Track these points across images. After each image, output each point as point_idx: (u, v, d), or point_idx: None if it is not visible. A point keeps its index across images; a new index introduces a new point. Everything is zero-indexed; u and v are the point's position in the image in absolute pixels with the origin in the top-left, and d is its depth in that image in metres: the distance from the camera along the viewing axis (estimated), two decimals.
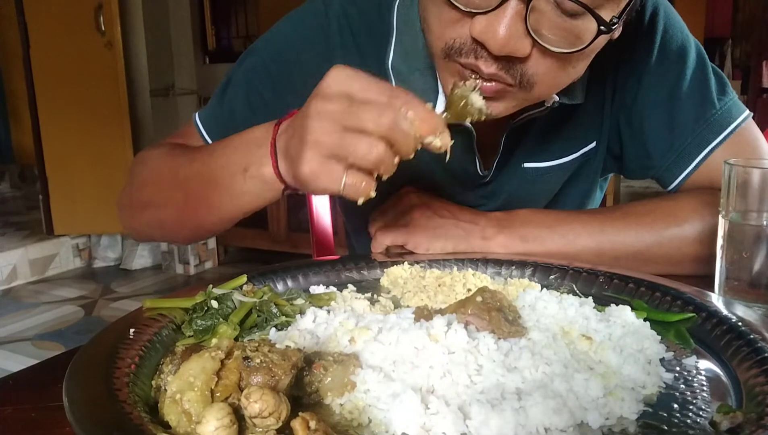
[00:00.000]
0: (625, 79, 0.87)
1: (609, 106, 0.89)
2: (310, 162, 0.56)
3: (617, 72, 0.87)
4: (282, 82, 0.87)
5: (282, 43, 0.88)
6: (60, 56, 3.60)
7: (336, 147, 0.55)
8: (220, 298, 0.58)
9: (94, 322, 3.09)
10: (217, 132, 0.88)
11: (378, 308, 0.63)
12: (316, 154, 0.56)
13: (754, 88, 3.95)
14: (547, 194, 0.95)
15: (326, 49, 0.85)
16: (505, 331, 0.52)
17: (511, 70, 0.64)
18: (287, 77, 0.86)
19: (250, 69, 0.89)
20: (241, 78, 0.89)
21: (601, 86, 0.87)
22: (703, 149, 0.84)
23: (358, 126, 0.54)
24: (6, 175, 5.62)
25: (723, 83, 0.87)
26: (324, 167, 0.56)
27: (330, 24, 0.85)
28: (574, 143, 0.90)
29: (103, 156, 3.68)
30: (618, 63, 0.85)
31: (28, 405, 0.49)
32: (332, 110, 0.55)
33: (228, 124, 0.88)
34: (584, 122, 0.89)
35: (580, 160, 0.91)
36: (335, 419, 0.44)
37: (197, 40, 4.22)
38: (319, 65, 0.82)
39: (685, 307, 0.60)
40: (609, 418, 0.44)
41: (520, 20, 0.59)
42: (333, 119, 0.55)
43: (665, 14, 0.86)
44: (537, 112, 0.80)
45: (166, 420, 0.41)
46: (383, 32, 0.83)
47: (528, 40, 0.61)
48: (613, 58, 0.82)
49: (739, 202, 0.65)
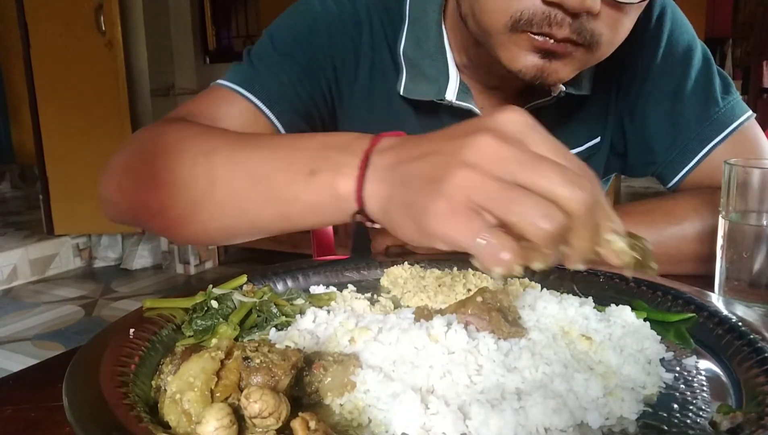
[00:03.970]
0: (630, 77, 0.88)
1: (614, 102, 0.90)
2: (445, 202, 0.42)
3: (623, 69, 0.88)
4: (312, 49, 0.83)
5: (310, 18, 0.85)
6: (60, 56, 3.60)
7: (493, 199, 0.41)
8: (220, 298, 0.58)
9: (94, 322, 3.09)
10: (262, 93, 0.80)
11: (378, 308, 0.63)
12: (459, 195, 0.42)
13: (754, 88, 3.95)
14: None
15: (355, 33, 0.85)
16: (505, 332, 0.52)
17: (582, 30, 0.65)
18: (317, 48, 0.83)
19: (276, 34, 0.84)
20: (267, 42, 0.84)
21: (606, 82, 0.87)
22: (704, 146, 0.85)
23: (541, 186, 0.41)
24: (6, 175, 5.62)
25: (727, 83, 0.88)
26: (461, 215, 0.42)
27: (359, 12, 0.85)
28: (580, 137, 0.91)
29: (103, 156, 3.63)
30: (624, 61, 0.86)
31: (28, 405, 0.49)
32: (505, 155, 0.42)
33: (270, 83, 0.80)
34: (590, 117, 0.89)
35: (585, 154, 0.92)
36: (335, 419, 0.44)
37: (197, 40, 4.22)
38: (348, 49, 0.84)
39: (685, 307, 0.60)
40: (609, 418, 0.44)
41: None
42: (503, 165, 0.42)
43: (672, 14, 0.88)
44: (544, 102, 0.82)
45: (166, 420, 0.41)
46: (397, 20, 0.84)
47: None
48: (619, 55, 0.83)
49: (739, 202, 0.65)
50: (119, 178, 0.71)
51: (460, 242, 0.42)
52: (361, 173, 0.49)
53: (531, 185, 0.41)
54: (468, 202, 0.42)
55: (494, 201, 0.41)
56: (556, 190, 0.41)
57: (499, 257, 0.40)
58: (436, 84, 0.82)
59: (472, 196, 0.42)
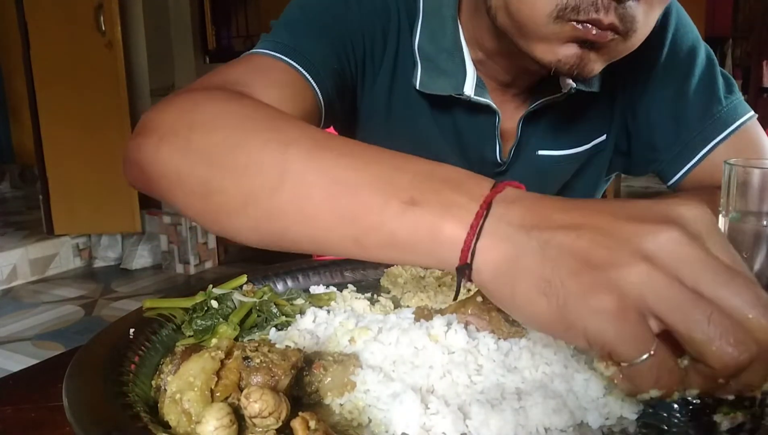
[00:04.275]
0: (634, 76, 0.89)
1: (620, 100, 0.91)
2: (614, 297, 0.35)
3: (628, 68, 0.88)
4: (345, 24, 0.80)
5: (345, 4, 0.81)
6: (60, 56, 3.60)
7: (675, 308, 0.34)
8: (220, 298, 0.58)
9: (94, 322, 3.09)
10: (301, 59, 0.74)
11: (378, 308, 0.63)
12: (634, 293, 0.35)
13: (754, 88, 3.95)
14: (556, 184, 0.96)
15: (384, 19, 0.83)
16: (505, 332, 0.52)
17: (626, 16, 0.65)
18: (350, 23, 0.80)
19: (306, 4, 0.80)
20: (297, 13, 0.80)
21: (613, 80, 0.88)
22: (706, 144, 0.85)
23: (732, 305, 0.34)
24: (6, 175, 5.62)
25: (730, 83, 0.89)
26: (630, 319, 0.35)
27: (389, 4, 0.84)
28: (586, 134, 0.91)
29: (103, 156, 3.68)
30: (628, 60, 0.87)
31: (28, 405, 0.49)
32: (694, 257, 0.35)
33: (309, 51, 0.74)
34: (596, 114, 0.90)
35: (590, 152, 0.92)
36: (335, 419, 0.44)
37: (197, 40, 4.22)
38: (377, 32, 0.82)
39: None
40: (609, 418, 0.44)
41: None
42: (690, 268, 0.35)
43: (677, 15, 0.88)
44: (554, 98, 0.82)
45: (166, 420, 0.41)
46: (413, 14, 0.84)
47: None
48: None
49: (739, 202, 0.65)
50: (156, 140, 0.57)
51: (619, 349, 0.35)
52: (477, 221, 0.40)
53: (718, 300, 0.34)
54: (641, 302, 0.34)
55: (676, 309, 0.34)
56: (750, 313, 0.34)
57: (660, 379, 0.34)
58: (454, 79, 0.82)
59: (649, 296, 0.34)
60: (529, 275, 0.38)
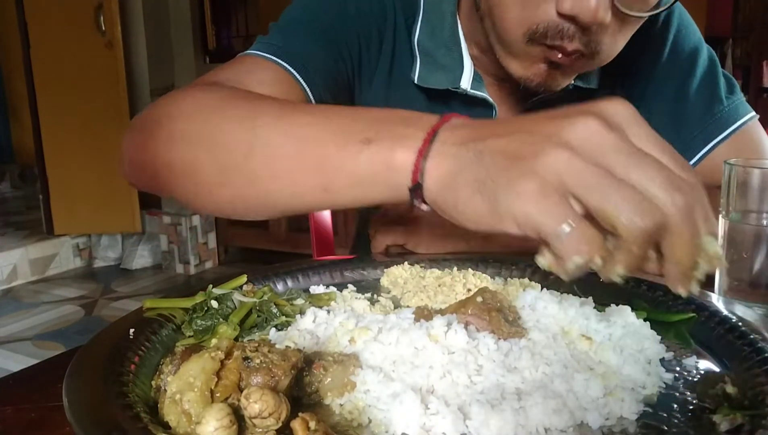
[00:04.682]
0: (636, 76, 0.89)
1: None
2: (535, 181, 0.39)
3: (629, 68, 0.88)
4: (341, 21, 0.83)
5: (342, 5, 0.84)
6: (60, 56, 3.60)
7: (589, 186, 0.39)
8: (220, 298, 0.58)
9: (94, 322, 3.09)
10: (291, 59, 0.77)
11: (378, 308, 0.63)
12: (552, 177, 0.39)
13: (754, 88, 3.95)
14: None
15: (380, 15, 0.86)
16: (505, 332, 0.52)
17: (590, 42, 0.68)
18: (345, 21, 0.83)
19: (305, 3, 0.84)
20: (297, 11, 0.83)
21: (613, 80, 0.88)
22: (707, 144, 0.86)
23: (641, 182, 0.38)
24: (6, 175, 5.63)
25: (732, 84, 0.89)
26: (550, 198, 0.39)
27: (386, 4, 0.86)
28: None
29: (103, 156, 3.68)
30: (630, 59, 0.87)
31: (28, 405, 0.49)
32: (608, 143, 0.40)
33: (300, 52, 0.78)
34: None
35: None
36: (335, 419, 0.44)
37: (197, 39, 4.22)
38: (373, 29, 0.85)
39: (685, 307, 0.60)
40: (609, 418, 0.44)
41: None
42: (604, 152, 0.39)
43: (680, 16, 0.89)
44: (551, 95, 0.82)
45: (166, 420, 0.41)
46: (413, 9, 0.86)
47: (610, 7, 0.65)
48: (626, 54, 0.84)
49: (739, 202, 0.65)
50: (145, 135, 0.65)
51: (543, 226, 0.39)
52: (425, 146, 0.45)
53: (629, 179, 0.38)
54: (560, 185, 0.39)
55: (590, 188, 0.38)
56: (656, 190, 0.38)
57: (582, 247, 0.38)
58: (451, 73, 0.84)
59: (567, 179, 0.39)
60: (468, 181, 0.42)
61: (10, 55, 4.84)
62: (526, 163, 0.40)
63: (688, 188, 0.39)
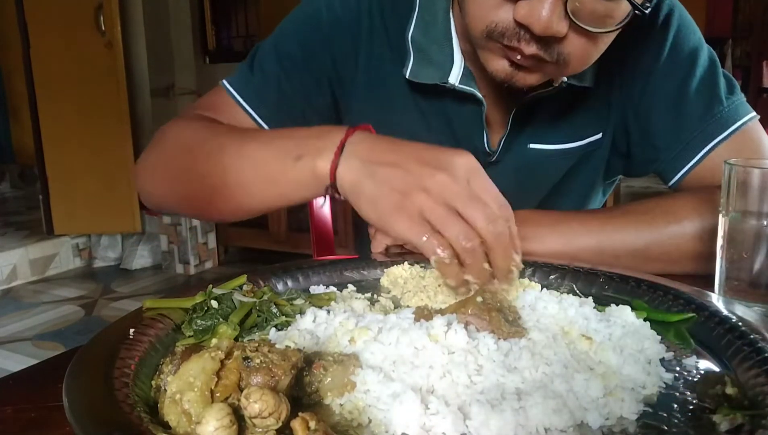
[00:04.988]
0: (634, 75, 0.89)
1: (617, 99, 0.91)
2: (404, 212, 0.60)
3: (627, 67, 0.88)
4: (310, 48, 0.91)
5: (313, 17, 0.91)
6: (60, 56, 3.60)
7: (437, 217, 0.59)
8: (220, 298, 0.58)
9: (94, 322, 3.09)
10: (252, 97, 0.91)
11: (378, 308, 0.63)
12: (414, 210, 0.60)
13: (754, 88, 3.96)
14: (550, 181, 0.96)
15: (356, 30, 0.90)
16: (505, 332, 0.52)
17: (549, 49, 0.69)
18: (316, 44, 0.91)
19: (279, 35, 0.93)
20: (270, 44, 0.92)
21: (610, 79, 0.88)
22: (707, 144, 0.86)
23: (470, 218, 0.59)
24: (6, 175, 5.63)
25: (732, 85, 0.89)
26: (414, 222, 0.60)
27: (360, 6, 0.90)
28: (580, 130, 0.92)
29: (103, 156, 3.68)
30: (628, 59, 0.87)
31: (28, 405, 0.49)
32: (453, 190, 0.59)
33: (261, 87, 0.91)
34: (591, 111, 0.91)
35: (584, 148, 0.93)
36: (335, 419, 0.44)
37: (197, 40, 4.22)
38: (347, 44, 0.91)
39: (685, 307, 0.60)
40: (609, 418, 0.44)
41: (560, 3, 0.65)
42: (449, 196, 0.59)
43: (680, 16, 0.89)
44: (545, 92, 0.83)
45: (166, 420, 0.41)
46: (407, 7, 0.88)
47: (566, 21, 0.67)
48: (623, 53, 0.84)
49: (739, 202, 0.65)
50: (153, 174, 0.88)
51: (410, 237, 0.60)
52: (336, 158, 0.65)
53: (464, 214, 0.59)
54: (420, 215, 0.60)
55: (437, 219, 0.59)
56: (477, 221, 0.59)
57: (436, 250, 0.59)
58: (441, 68, 0.86)
59: (424, 212, 0.60)
60: (366, 194, 0.63)
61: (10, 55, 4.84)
62: (400, 197, 0.61)
63: (503, 221, 0.60)
